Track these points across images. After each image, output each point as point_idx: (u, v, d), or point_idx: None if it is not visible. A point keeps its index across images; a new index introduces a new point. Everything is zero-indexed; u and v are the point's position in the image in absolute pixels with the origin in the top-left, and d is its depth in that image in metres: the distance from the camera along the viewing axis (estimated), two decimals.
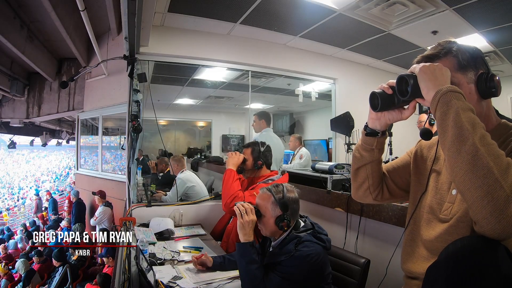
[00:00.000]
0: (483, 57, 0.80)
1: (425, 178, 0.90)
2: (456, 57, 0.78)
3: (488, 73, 0.76)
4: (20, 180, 21.81)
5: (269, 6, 2.45)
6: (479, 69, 0.78)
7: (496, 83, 0.75)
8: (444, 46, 0.80)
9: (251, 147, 2.02)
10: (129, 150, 2.54)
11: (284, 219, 1.24)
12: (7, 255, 5.74)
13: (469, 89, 0.77)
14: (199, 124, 5.75)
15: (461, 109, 0.63)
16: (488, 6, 2.32)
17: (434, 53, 0.80)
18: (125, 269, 1.29)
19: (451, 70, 0.76)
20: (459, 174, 0.61)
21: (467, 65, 0.77)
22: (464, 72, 0.77)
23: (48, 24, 3.56)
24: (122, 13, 1.80)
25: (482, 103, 0.78)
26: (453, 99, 0.65)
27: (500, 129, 0.78)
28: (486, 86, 0.75)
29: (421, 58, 0.82)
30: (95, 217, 4.31)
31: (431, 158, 0.92)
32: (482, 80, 0.76)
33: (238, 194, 1.81)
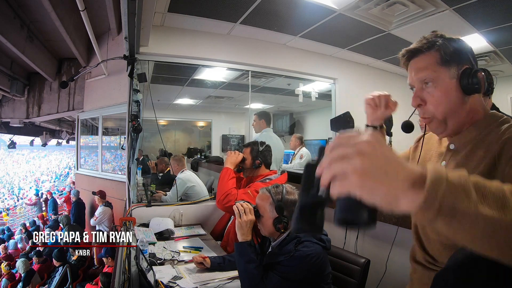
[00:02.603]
0: (469, 52, 0.78)
1: None
2: (439, 52, 0.76)
3: (472, 69, 0.75)
4: (20, 180, 21.81)
5: (269, 6, 2.45)
6: (463, 64, 0.76)
7: (480, 79, 0.74)
8: (429, 39, 0.78)
9: (250, 147, 2.04)
10: (129, 150, 2.54)
11: (281, 221, 1.23)
12: (7, 255, 5.74)
13: (451, 84, 0.76)
14: (199, 124, 5.76)
15: (474, 207, 0.40)
16: (488, 6, 2.32)
17: (417, 47, 0.79)
18: (125, 269, 1.29)
19: (433, 64, 0.76)
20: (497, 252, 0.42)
21: (451, 60, 0.76)
22: (447, 66, 0.76)
23: (48, 24, 3.56)
24: (122, 13, 1.81)
25: (466, 99, 0.76)
26: (457, 199, 0.40)
27: (487, 119, 0.78)
28: (468, 82, 0.74)
29: (405, 52, 0.81)
30: (95, 217, 4.31)
31: (418, 152, 0.94)
32: (465, 76, 0.74)
33: (231, 191, 1.82)
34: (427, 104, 0.78)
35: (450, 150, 0.82)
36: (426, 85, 0.77)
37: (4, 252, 5.84)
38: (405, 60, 0.82)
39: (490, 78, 1.74)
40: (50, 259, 4.62)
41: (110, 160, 5.00)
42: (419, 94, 0.79)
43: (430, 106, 0.78)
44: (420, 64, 0.78)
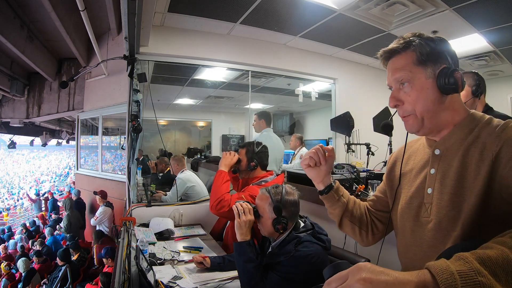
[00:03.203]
0: (448, 52, 0.77)
1: (396, 185, 0.90)
2: (415, 51, 0.76)
3: (449, 69, 0.74)
4: (20, 180, 21.81)
5: (269, 6, 2.45)
6: (441, 64, 0.75)
7: (457, 79, 0.73)
8: (405, 39, 0.78)
9: (246, 147, 1.96)
10: (129, 150, 2.54)
11: (280, 222, 1.22)
12: (7, 255, 5.74)
13: (428, 84, 0.75)
14: (199, 124, 5.76)
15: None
16: (488, 6, 2.32)
17: (394, 47, 0.79)
18: (125, 269, 1.29)
19: (409, 64, 0.75)
20: None
21: (427, 59, 0.75)
22: (423, 66, 0.75)
23: (48, 24, 3.56)
24: (122, 13, 1.81)
25: (444, 99, 0.76)
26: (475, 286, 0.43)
27: (469, 119, 0.76)
28: (445, 81, 0.73)
29: (382, 53, 0.81)
30: (96, 217, 4.31)
31: (399, 162, 0.91)
32: (442, 76, 0.73)
33: (224, 197, 1.74)
34: (405, 104, 0.77)
35: (436, 155, 0.79)
36: (403, 85, 0.77)
37: (4, 252, 5.84)
38: (383, 60, 0.82)
39: (480, 79, 1.80)
40: (50, 259, 4.63)
41: (110, 160, 5.00)
42: (396, 94, 0.79)
43: (408, 106, 0.77)
44: (396, 64, 0.78)
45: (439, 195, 0.75)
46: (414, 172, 0.85)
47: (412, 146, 0.92)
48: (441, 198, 0.75)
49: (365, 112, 3.09)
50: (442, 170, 0.76)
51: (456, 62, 0.77)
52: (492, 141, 0.69)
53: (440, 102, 0.75)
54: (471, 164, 0.71)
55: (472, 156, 0.71)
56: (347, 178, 2.17)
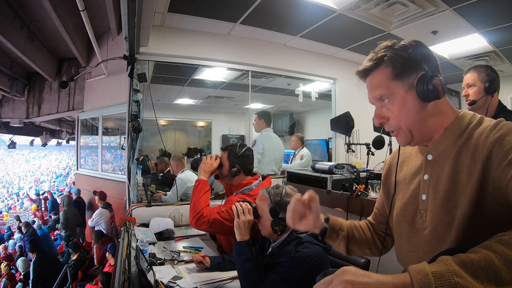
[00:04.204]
0: (424, 57, 0.74)
1: (392, 192, 0.89)
2: (388, 67, 0.73)
3: (426, 76, 0.71)
4: (20, 180, 21.81)
5: (269, 6, 2.45)
6: (419, 71, 0.72)
7: (436, 85, 0.70)
8: (377, 55, 0.75)
9: (227, 150, 1.76)
10: (129, 150, 2.54)
11: (278, 224, 1.22)
12: (7, 255, 5.74)
13: (408, 96, 0.73)
14: (199, 124, 5.76)
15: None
16: (488, 6, 2.32)
17: (367, 67, 0.76)
18: (125, 269, 1.29)
19: (385, 80, 0.73)
20: None
21: (402, 72, 0.73)
22: (401, 79, 0.73)
23: (48, 24, 3.56)
24: (122, 13, 1.80)
25: (428, 106, 0.74)
26: (451, 285, 0.45)
27: (459, 121, 0.75)
28: (424, 89, 0.71)
29: (358, 73, 0.79)
30: (92, 219, 4.32)
31: (394, 169, 0.90)
32: (420, 84, 0.71)
33: (203, 212, 1.58)
34: (389, 120, 0.76)
35: (429, 161, 0.78)
36: (383, 102, 0.76)
37: (4, 252, 5.84)
38: (362, 79, 0.80)
39: (494, 74, 1.71)
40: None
41: (110, 160, 5.00)
42: (379, 112, 0.77)
43: (393, 121, 0.76)
44: (373, 82, 0.76)
45: (433, 201, 0.74)
46: (408, 178, 0.84)
47: (405, 151, 0.90)
48: (434, 204, 0.74)
49: (365, 112, 3.05)
50: (435, 176, 0.75)
51: (435, 66, 0.74)
52: (483, 142, 0.67)
53: (424, 111, 0.74)
54: (463, 168, 0.69)
55: (464, 159, 0.70)
56: (347, 178, 2.17)
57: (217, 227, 1.59)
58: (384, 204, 0.95)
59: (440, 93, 0.71)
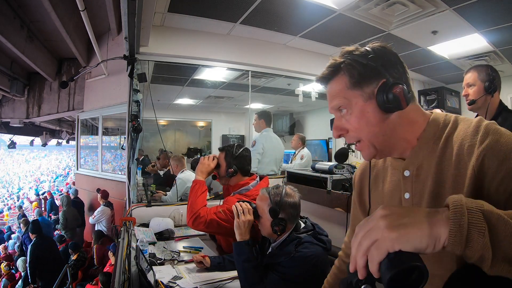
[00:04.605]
0: (386, 62, 0.66)
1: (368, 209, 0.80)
2: (345, 75, 0.67)
3: (386, 84, 0.64)
4: (19, 180, 21.81)
5: (269, 6, 2.45)
6: (380, 79, 0.65)
7: (397, 94, 0.63)
8: (334, 63, 0.69)
9: (225, 151, 1.77)
10: (129, 150, 2.54)
11: (278, 224, 1.21)
12: (7, 255, 5.74)
13: (367, 106, 0.66)
14: (199, 124, 5.76)
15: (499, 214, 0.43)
16: (488, 6, 2.31)
17: (324, 75, 0.71)
18: (125, 269, 1.29)
19: (343, 90, 0.67)
20: None
21: (361, 80, 0.66)
22: (359, 88, 0.66)
23: (48, 24, 3.56)
24: (122, 13, 1.80)
25: (391, 117, 0.66)
26: (484, 206, 0.43)
27: (431, 129, 0.67)
28: (384, 100, 0.64)
29: (317, 81, 0.74)
30: (93, 216, 4.33)
31: (367, 185, 0.81)
32: (380, 93, 0.64)
33: (199, 213, 1.58)
34: (349, 132, 0.70)
35: (407, 178, 0.69)
36: (342, 113, 0.69)
37: (4, 252, 5.84)
38: (324, 86, 0.74)
39: (494, 73, 1.69)
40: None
41: (110, 160, 5.00)
42: (338, 123, 0.71)
43: (352, 133, 0.69)
44: (331, 91, 0.70)
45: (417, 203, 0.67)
46: (387, 196, 0.75)
47: (377, 163, 0.81)
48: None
49: None
50: (417, 194, 0.67)
51: (401, 74, 0.67)
52: (468, 151, 0.60)
53: (387, 122, 0.66)
54: (446, 181, 0.62)
55: (447, 171, 0.62)
56: (347, 178, 2.18)
57: (214, 227, 1.60)
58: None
59: (402, 103, 0.64)
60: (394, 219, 0.44)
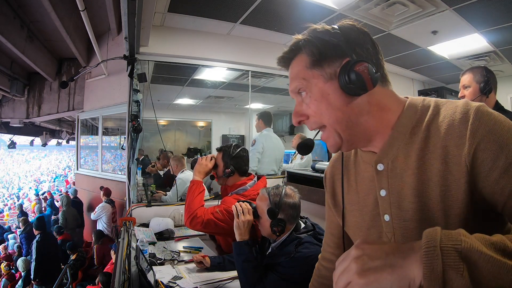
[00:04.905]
0: (352, 39, 0.58)
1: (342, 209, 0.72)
2: (306, 53, 0.59)
3: (349, 62, 0.56)
4: (19, 180, 21.82)
5: (269, 6, 2.45)
6: (343, 58, 0.57)
7: (360, 73, 0.54)
8: (294, 42, 0.61)
9: (222, 151, 1.76)
10: (129, 150, 2.54)
11: (277, 225, 1.21)
12: (7, 255, 5.74)
13: (328, 88, 0.57)
14: (199, 124, 5.76)
15: (479, 247, 0.38)
16: (488, 6, 2.32)
17: (285, 56, 0.63)
18: (125, 269, 1.29)
19: (302, 69, 0.59)
20: None
21: (322, 58, 0.58)
22: (319, 68, 0.58)
23: (48, 24, 3.56)
24: (122, 13, 1.81)
25: (357, 102, 0.57)
26: (457, 241, 0.39)
27: (407, 116, 0.58)
28: (345, 80, 0.55)
29: (279, 65, 0.65)
30: (94, 212, 4.35)
31: (339, 181, 0.72)
32: (342, 73, 0.56)
33: (196, 213, 1.59)
34: (310, 117, 0.61)
35: (381, 172, 0.61)
36: (302, 96, 0.61)
37: (4, 252, 5.84)
38: (286, 70, 0.66)
39: (489, 74, 1.69)
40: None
41: (110, 160, 5.00)
42: (298, 108, 0.62)
43: (313, 119, 0.61)
44: (291, 73, 0.63)
45: (402, 222, 0.58)
46: (362, 194, 0.66)
47: (348, 158, 0.71)
48: (405, 226, 0.58)
49: None
50: (395, 191, 0.59)
51: (370, 53, 0.58)
52: (456, 142, 0.52)
53: (351, 107, 0.57)
54: (432, 178, 0.54)
55: (432, 166, 0.54)
56: None
57: (211, 227, 1.60)
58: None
59: (367, 84, 0.55)
60: (364, 263, 0.42)
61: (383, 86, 0.59)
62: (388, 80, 0.60)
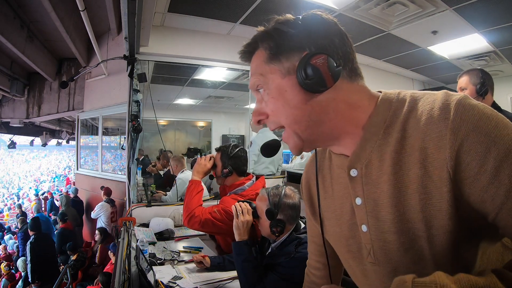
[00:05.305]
0: (318, 30, 0.53)
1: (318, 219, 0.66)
2: (263, 47, 0.54)
3: (307, 55, 0.49)
4: (19, 180, 21.82)
5: (269, 6, 2.45)
6: (302, 50, 0.50)
7: (318, 67, 0.48)
8: (255, 34, 0.57)
9: (221, 151, 1.77)
10: (129, 150, 2.54)
11: (276, 226, 1.21)
12: (7, 255, 5.74)
13: (286, 84, 0.51)
14: (199, 124, 5.76)
15: None
16: (488, 6, 2.32)
17: (244, 50, 0.58)
18: (125, 269, 1.29)
19: (260, 64, 0.54)
20: None
21: (280, 50, 0.52)
22: (277, 61, 0.52)
23: (48, 24, 3.56)
24: (122, 13, 1.80)
25: (320, 100, 0.50)
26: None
27: (380, 113, 0.51)
28: (302, 75, 0.49)
29: (240, 57, 0.60)
30: (94, 210, 4.37)
31: (314, 187, 0.66)
32: (299, 67, 0.49)
33: (194, 212, 1.61)
34: (269, 116, 0.55)
35: (355, 178, 0.54)
36: (260, 93, 0.56)
37: (4, 252, 5.84)
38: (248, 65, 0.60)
39: (485, 76, 1.73)
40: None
41: (110, 160, 5.00)
42: (258, 106, 0.57)
43: (272, 119, 0.55)
44: (251, 68, 0.57)
45: (380, 234, 0.52)
46: (338, 200, 0.60)
47: (323, 161, 0.65)
48: (383, 238, 0.52)
49: None
50: (371, 199, 0.52)
51: (336, 46, 0.51)
52: (436, 144, 0.44)
53: (312, 105, 0.50)
54: (410, 185, 0.47)
55: (409, 171, 0.47)
56: None
57: (209, 227, 1.61)
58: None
59: (325, 80, 0.48)
60: None
61: (352, 81, 0.53)
62: (359, 74, 0.54)
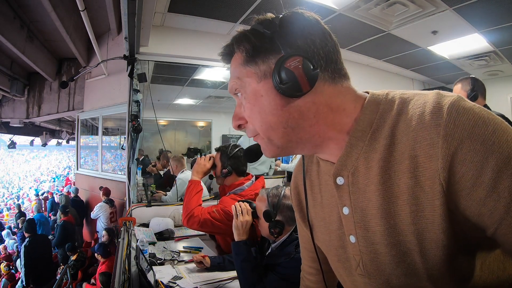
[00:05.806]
0: (295, 31, 0.49)
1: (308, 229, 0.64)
2: (240, 49, 0.51)
3: (282, 57, 0.46)
4: (19, 180, 21.83)
5: (269, 6, 2.44)
6: (278, 53, 0.47)
7: (293, 70, 0.44)
8: (234, 36, 0.54)
9: (220, 151, 1.77)
10: (129, 150, 2.54)
11: (275, 227, 1.21)
12: (7, 255, 5.75)
13: (262, 88, 0.48)
14: (199, 124, 5.76)
15: None
16: (488, 6, 2.32)
17: (223, 53, 0.56)
18: (125, 269, 1.29)
19: (238, 67, 0.51)
20: None
21: (256, 52, 0.49)
22: (253, 64, 0.49)
23: (48, 24, 3.56)
24: (122, 13, 1.81)
25: (298, 104, 0.47)
26: None
27: (366, 117, 0.47)
28: (277, 79, 0.45)
29: (221, 59, 0.58)
30: (93, 211, 4.37)
31: (303, 196, 0.63)
32: (275, 70, 0.46)
33: (193, 212, 1.61)
34: (247, 123, 0.53)
35: (341, 187, 0.50)
36: (239, 97, 0.53)
37: (4, 252, 5.85)
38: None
39: (474, 82, 1.84)
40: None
41: (110, 160, 5.00)
42: (237, 111, 0.54)
43: (249, 126, 0.53)
44: (230, 71, 0.54)
45: (370, 246, 0.49)
46: (327, 208, 0.56)
47: (311, 167, 0.61)
48: (374, 250, 0.49)
49: None
50: (359, 209, 0.49)
51: (317, 47, 0.47)
52: (427, 153, 0.40)
53: (289, 110, 0.47)
54: (400, 196, 0.44)
55: (399, 181, 0.44)
56: None
57: (208, 227, 1.61)
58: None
59: (300, 84, 0.45)
60: None
61: (335, 83, 0.49)
62: (343, 75, 0.51)
